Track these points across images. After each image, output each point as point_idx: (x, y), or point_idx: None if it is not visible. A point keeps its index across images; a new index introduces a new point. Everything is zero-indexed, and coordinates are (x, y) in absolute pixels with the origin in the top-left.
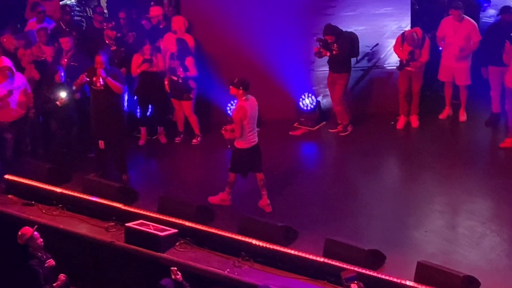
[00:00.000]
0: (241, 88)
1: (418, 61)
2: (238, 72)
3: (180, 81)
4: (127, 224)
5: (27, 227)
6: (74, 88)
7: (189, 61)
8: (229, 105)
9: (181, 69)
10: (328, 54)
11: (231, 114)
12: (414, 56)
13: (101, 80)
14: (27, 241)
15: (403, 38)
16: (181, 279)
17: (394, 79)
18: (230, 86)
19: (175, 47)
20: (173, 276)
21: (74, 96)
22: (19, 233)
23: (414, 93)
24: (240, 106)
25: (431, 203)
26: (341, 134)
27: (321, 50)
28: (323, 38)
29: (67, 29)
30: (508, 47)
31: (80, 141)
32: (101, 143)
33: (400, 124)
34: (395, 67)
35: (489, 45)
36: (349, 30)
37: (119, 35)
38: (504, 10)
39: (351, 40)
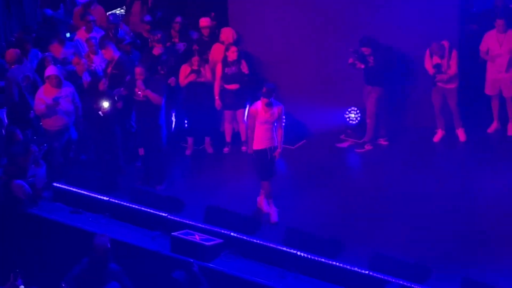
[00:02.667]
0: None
1: (446, 73)
2: (284, 84)
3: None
4: (173, 234)
5: None
6: (115, 98)
7: (244, 64)
8: None
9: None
10: (362, 66)
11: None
12: (442, 69)
13: (139, 92)
14: None
15: (431, 52)
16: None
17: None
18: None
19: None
20: None
21: (116, 105)
22: None
23: (453, 109)
24: None
25: (475, 219)
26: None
27: (356, 62)
28: (359, 49)
29: (115, 39)
30: None
31: (125, 150)
32: (141, 151)
33: (437, 137)
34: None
35: None
36: (398, 39)
37: (168, 44)
38: None
39: (388, 54)
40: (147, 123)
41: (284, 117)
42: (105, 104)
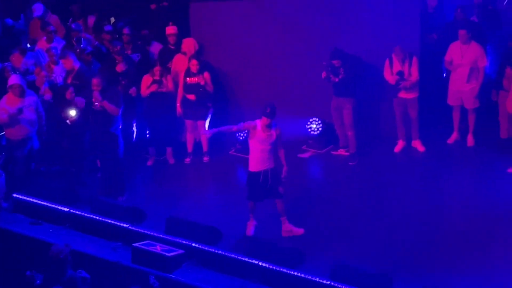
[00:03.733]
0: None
1: (409, 80)
2: (247, 94)
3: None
4: (134, 244)
5: None
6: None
7: (207, 76)
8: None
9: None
10: (337, 79)
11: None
12: (404, 76)
13: (96, 103)
14: None
15: (390, 62)
16: None
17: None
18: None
19: (185, 67)
20: None
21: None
22: None
23: (413, 119)
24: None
25: (436, 227)
26: (350, 163)
27: (330, 75)
28: (330, 62)
29: (78, 48)
30: (508, 72)
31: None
32: (99, 162)
33: (398, 148)
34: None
35: (501, 67)
36: (362, 49)
37: (128, 52)
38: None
39: (357, 64)
40: (104, 134)
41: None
42: (72, 113)
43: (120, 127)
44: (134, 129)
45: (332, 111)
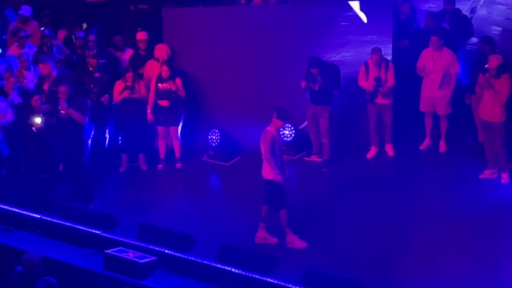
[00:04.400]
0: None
1: (385, 86)
2: (219, 99)
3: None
4: (106, 251)
5: None
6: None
7: (179, 82)
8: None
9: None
10: (317, 87)
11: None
12: (381, 82)
13: (62, 111)
14: None
15: (366, 68)
16: None
17: None
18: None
19: (157, 73)
20: None
21: (50, 121)
22: None
23: (387, 125)
24: None
25: (408, 233)
26: (323, 170)
27: (310, 84)
28: (309, 71)
29: (49, 54)
30: (481, 78)
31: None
32: (60, 166)
33: (370, 154)
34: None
35: (474, 73)
36: (338, 56)
37: (101, 61)
38: (481, 40)
39: (334, 72)
40: (70, 141)
41: None
42: (37, 120)
43: (92, 134)
44: (107, 135)
45: (308, 118)
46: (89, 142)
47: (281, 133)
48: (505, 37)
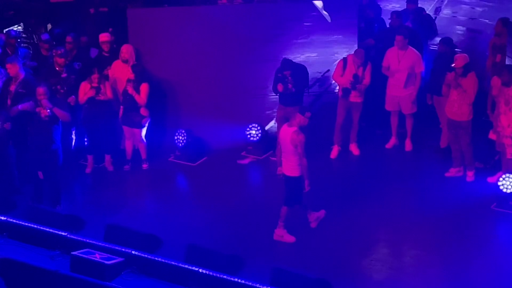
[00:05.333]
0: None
1: (362, 84)
2: (185, 101)
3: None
4: (72, 253)
5: None
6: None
7: (144, 88)
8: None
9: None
10: (293, 89)
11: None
12: (359, 79)
13: (48, 110)
14: None
15: (345, 63)
16: None
17: None
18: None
19: (124, 74)
20: None
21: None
22: None
23: (354, 123)
24: None
25: (376, 232)
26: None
27: (288, 85)
28: (283, 73)
29: (14, 55)
30: (448, 78)
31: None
32: (40, 174)
33: (334, 153)
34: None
35: (433, 74)
36: (302, 56)
37: (68, 62)
38: (440, 42)
39: (304, 72)
40: (43, 143)
41: None
42: None
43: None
44: (73, 136)
45: (277, 120)
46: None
47: (247, 132)
48: (469, 37)
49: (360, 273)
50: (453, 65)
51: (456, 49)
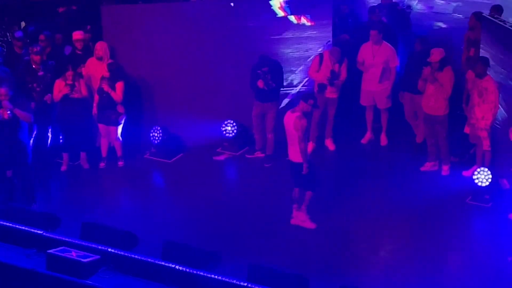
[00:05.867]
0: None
1: (339, 79)
2: (161, 98)
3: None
4: (48, 251)
5: None
6: None
7: (120, 86)
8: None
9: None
10: (274, 84)
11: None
12: (335, 75)
13: (8, 112)
14: None
15: (321, 59)
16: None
17: None
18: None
19: (98, 72)
20: None
21: None
22: None
23: (330, 118)
24: None
25: (352, 227)
26: (265, 165)
27: (270, 82)
28: (261, 69)
29: None
30: (425, 72)
31: None
32: (9, 173)
33: (309, 149)
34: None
35: (408, 72)
36: (276, 53)
37: (50, 62)
38: (418, 40)
39: (279, 68)
40: (10, 143)
41: None
42: None
43: (34, 133)
44: (49, 134)
45: (254, 117)
46: (31, 142)
47: (223, 128)
48: (443, 32)
49: (337, 269)
50: (429, 59)
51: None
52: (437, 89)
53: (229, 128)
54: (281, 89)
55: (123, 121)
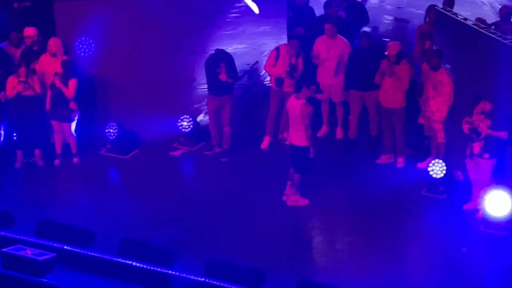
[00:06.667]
0: None
1: (297, 72)
2: (116, 93)
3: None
4: (3, 250)
5: None
6: None
7: (72, 83)
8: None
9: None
10: (232, 79)
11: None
12: (294, 68)
13: None
14: None
15: (278, 54)
16: None
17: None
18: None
19: (52, 68)
20: None
21: None
22: None
23: (286, 113)
24: None
25: (309, 220)
26: (222, 159)
27: (232, 75)
28: (219, 64)
29: None
30: (382, 66)
31: None
32: None
33: (265, 144)
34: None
35: (352, 69)
36: (230, 48)
37: None
38: (362, 35)
39: (232, 61)
40: None
41: None
42: None
43: None
44: (2, 132)
45: (209, 112)
46: None
47: (179, 124)
48: (396, 26)
49: (295, 262)
50: (386, 53)
51: (384, 39)
52: (395, 82)
53: (185, 123)
54: (236, 82)
55: (76, 118)
